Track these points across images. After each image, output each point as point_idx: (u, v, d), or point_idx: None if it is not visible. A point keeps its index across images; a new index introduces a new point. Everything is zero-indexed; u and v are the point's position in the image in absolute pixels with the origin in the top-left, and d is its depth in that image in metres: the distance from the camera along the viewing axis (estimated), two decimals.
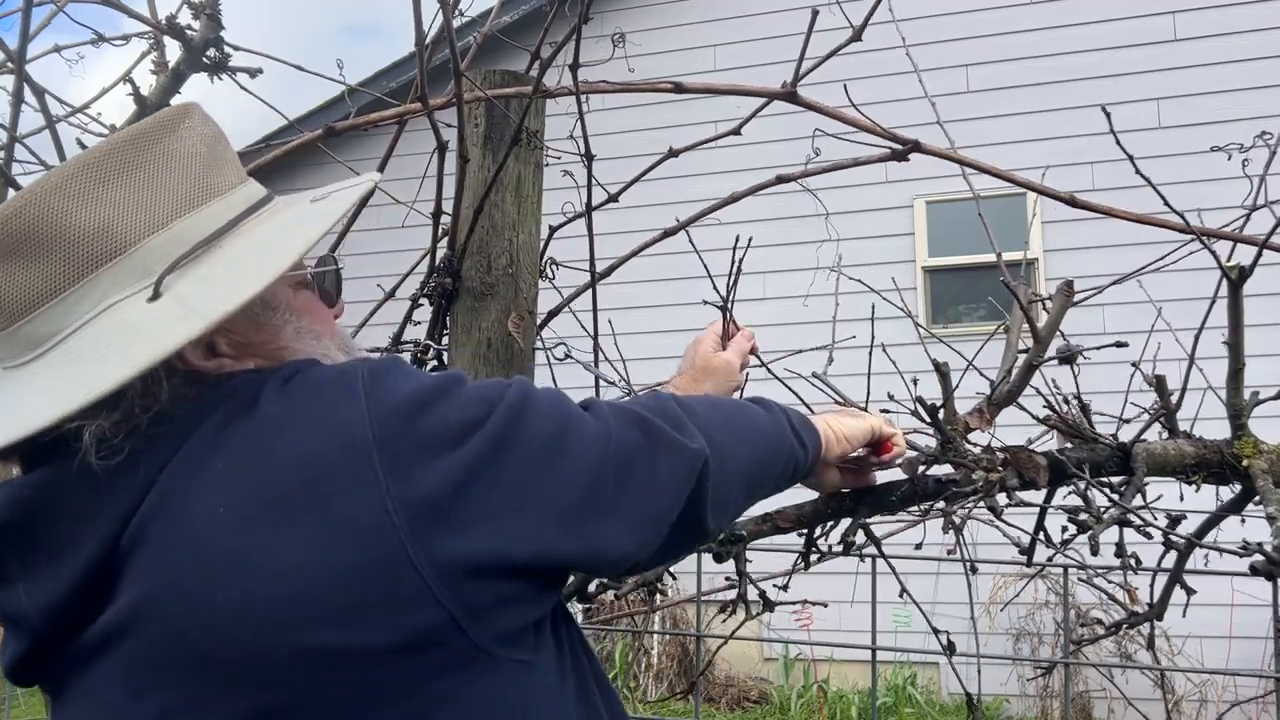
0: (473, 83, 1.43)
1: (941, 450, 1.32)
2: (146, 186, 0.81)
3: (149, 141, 0.83)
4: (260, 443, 0.75)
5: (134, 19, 1.85)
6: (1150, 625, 1.56)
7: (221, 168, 0.87)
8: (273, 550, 0.71)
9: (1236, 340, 1.29)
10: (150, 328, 0.77)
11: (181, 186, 0.83)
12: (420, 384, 0.79)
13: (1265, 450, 1.29)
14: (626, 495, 0.85)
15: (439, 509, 0.74)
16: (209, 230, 0.82)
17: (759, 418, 1.06)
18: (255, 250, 0.83)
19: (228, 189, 0.86)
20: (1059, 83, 6.89)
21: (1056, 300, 1.41)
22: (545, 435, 0.82)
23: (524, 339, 1.49)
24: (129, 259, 0.79)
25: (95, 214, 0.79)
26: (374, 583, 0.71)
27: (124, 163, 0.81)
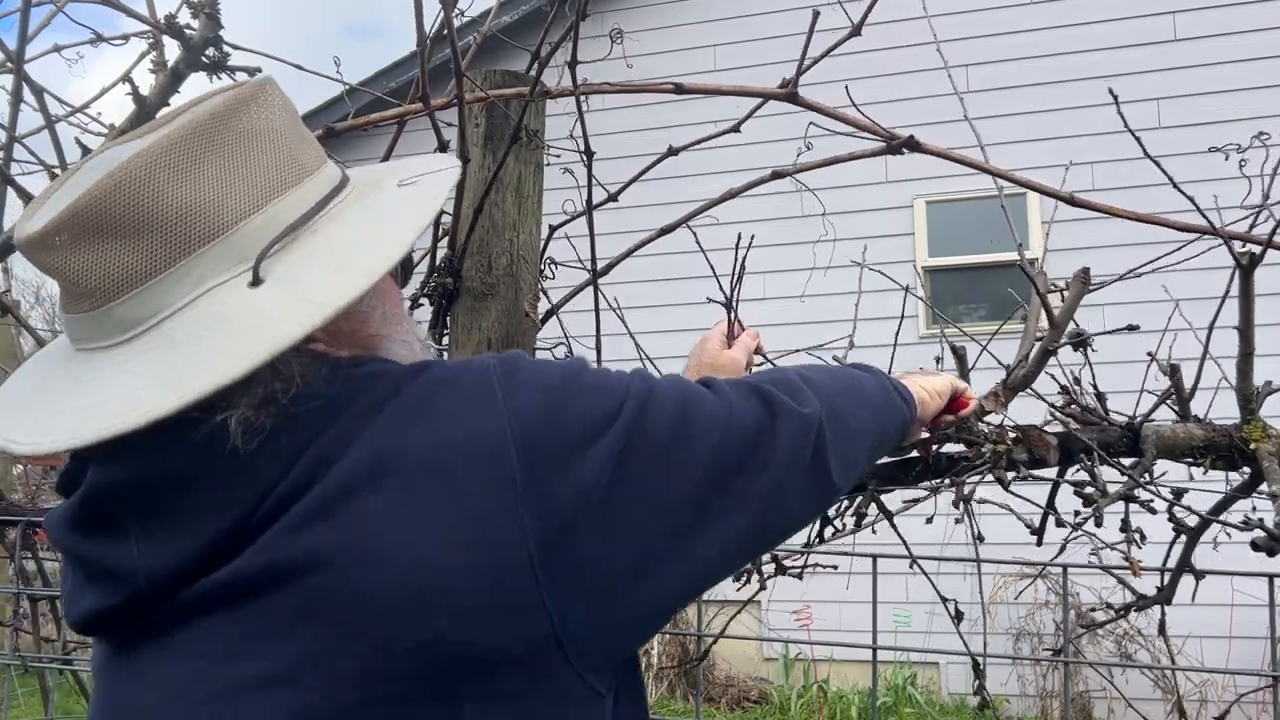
0: (473, 83, 1.43)
1: (956, 429, 1.34)
2: (241, 165, 0.79)
3: (234, 118, 0.80)
4: (405, 429, 0.75)
5: (133, 18, 1.85)
6: (1161, 612, 1.56)
7: (306, 145, 0.86)
8: (408, 538, 0.71)
9: (1247, 326, 1.31)
10: (264, 316, 0.75)
11: (273, 166, 0.81)
12: (555, 377, 0.80)
13: (1274, 434, 1.31)
14: (748, 471, 0.84)
15: (567, 528, 0.74)
16: (300, 212, 0.81)
17: (867, 382, 1.09)
18: (361, 238, 0.82)
19: (313, 169, 0.85)
20: (1059, 83, 6.89)
21: (1073, 287, 1.42)
22: (670, 422, 0.81)
23: (537, 320, 1.50)
24: (228, 241, 0.77)
25: (195, 193, 0.76)
26: (496, 588, 0.71)
27: (213, 141, 0.79)
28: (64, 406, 0.76)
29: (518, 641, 0.72)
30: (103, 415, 0.73)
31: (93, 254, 0.75)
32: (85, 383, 0.77)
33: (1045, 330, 1.43)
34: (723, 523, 0.83)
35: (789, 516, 0.93)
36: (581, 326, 1.67)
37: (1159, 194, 1.40)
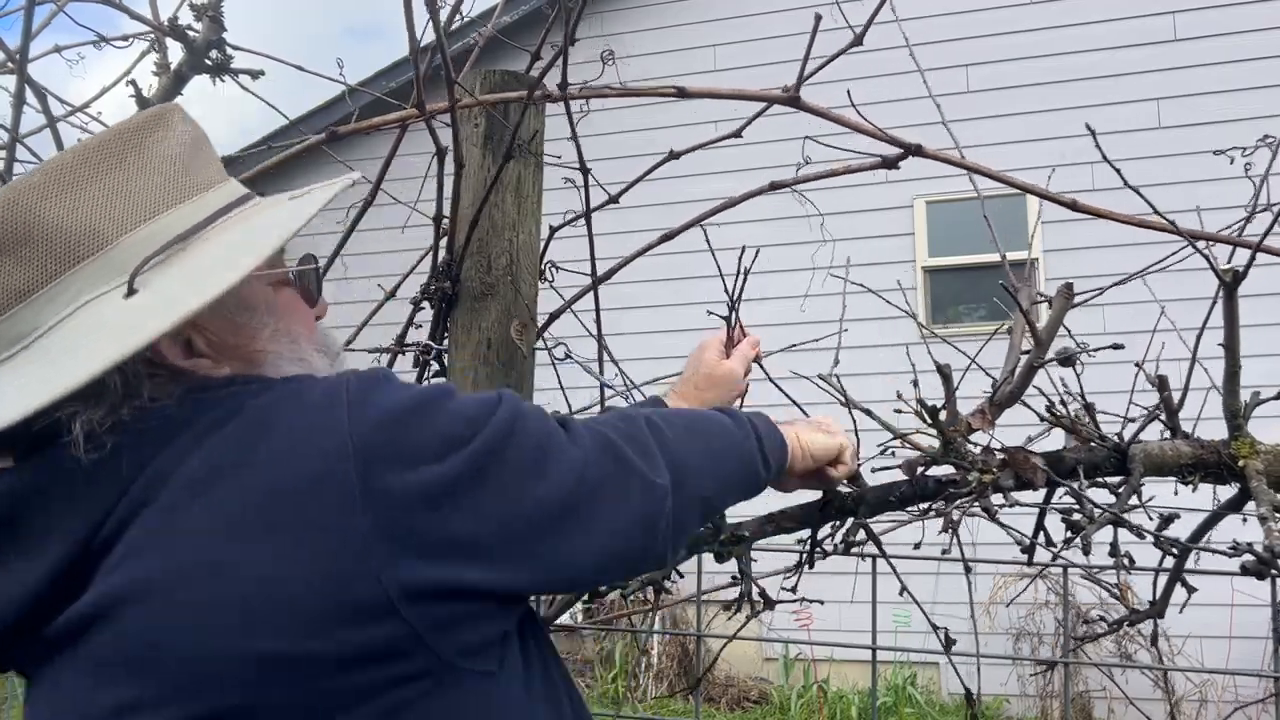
0: (465, 90, 1.44)
1: (943, 451, 1.32)
2: (125, 184, 0.82)
3: (128, 142, 0.84)
4: (242, 448, 0.75)
5: (135, 20, 1.85)
6: (1154, 624, 1.56)
7: (201, 167, 0.88)
8: (242, 556, 0.71)
9: (1232, 343, 1.30)
10: (122, 323, 0.77)
11: (160, 185, 0.84)
12: (407, 396, 0.79)
13: (1262, 450, 1.30)
14: (595, 524, 0.86)
15: (410, 526, 0.74)
16: (184, 227, 0.83)
17: (729, 439, 1.08)
18: (230, 248, 0.84)
19: (206, 187, 0.87)
20: (1059, 83, 6.89)
21: (1056, 302, 1.41)
22: (526, 460, 0.82)
23: (525, 344, 1.49)
24: (107, 256, 0.80)
25: (75, 212, 0.80)
26: (337, 595, 0.71)
27: (104, 162, 0.82)
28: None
29: (371, 642, 0.72)
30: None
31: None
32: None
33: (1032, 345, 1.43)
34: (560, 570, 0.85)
35: (622, 569, 0.96)
36: (581, 328, 1.67)
37: (1159, 193, 1.40)
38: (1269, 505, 1.17)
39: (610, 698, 6.51)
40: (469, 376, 1.49)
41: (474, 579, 0.77)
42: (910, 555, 1.55)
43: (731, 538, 1.39)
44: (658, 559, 0.96)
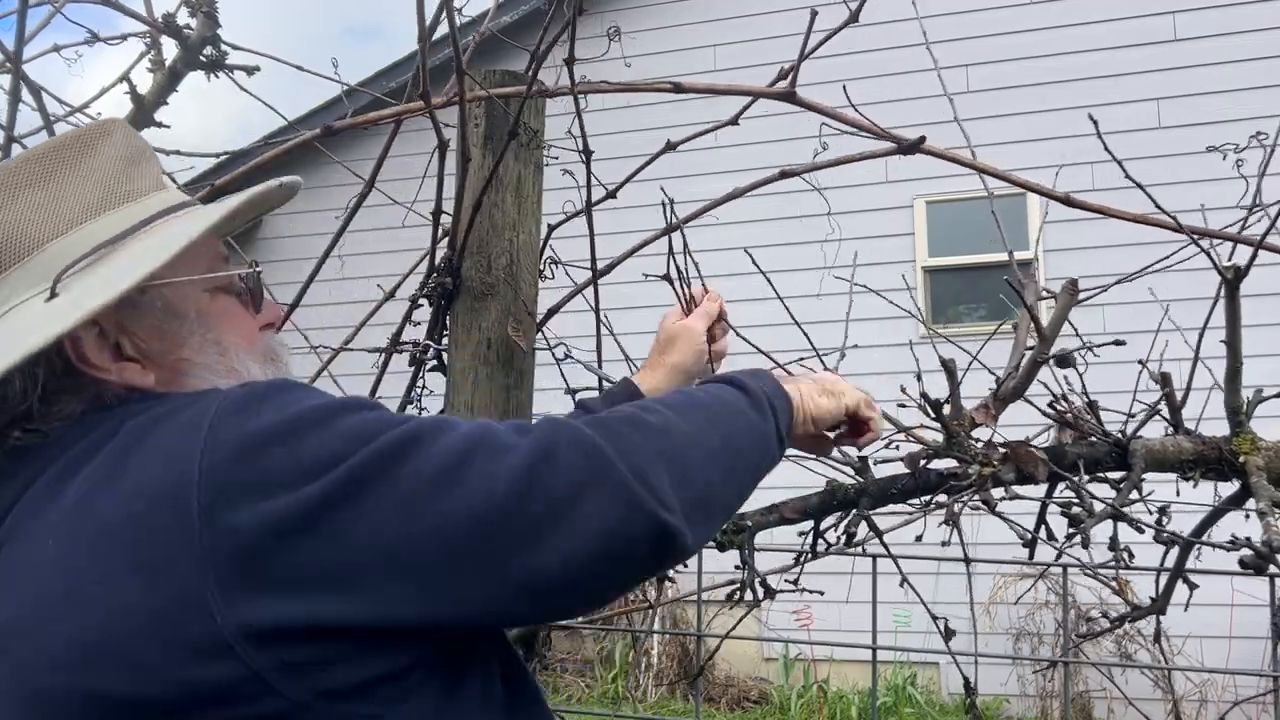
0: (474, 80, 1.43)
1: (946, 445, 1.33)
2: (59, 192, 0.83)
3: (65, 153, 0.85)
4: (104, 475, 0.73)
5: (131, 18, 1.85)
6: (1156, 622, 1.56)
7: (138, 176, 0.88)
8: (85, 589, 0.69)
9: (1234, 340, 1.30)
10: (30, 326, 0.77)
11: (91, 192, 0.84)
12: (283, 417, 0.72)
13: (1263, 447, 1.30)
14: (540, 543, 0.70)
15: (253, 560, 0.67)
16: (112, 233, 0.83)
17: (744, 423, 0.91)
18: (145, 251, 0.83)
19: (139, 195, 0.87)
20: (1059, 83, 6.89)
21: (1061, 299, 1.41)
22: (427, 472, 0.70)
23: (525, 342, 1.49)
24: (33, 261, 0.81)
25: (8, 217, 0.81)
26: (172, 634, 0.67)
27: (39, 172, 0.83)
28: None
29: (206, 685, 0.67)
30: None
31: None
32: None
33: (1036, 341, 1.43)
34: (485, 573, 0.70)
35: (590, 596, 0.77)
36: (581, 327, 1.66)
37: (1159, 193, 1.40)
38: (1268, 501, 1.17)
39: (610, 698, 6.51)
40: (469, 376, 1.48)
41: (333, 613, 0.68)
42: (910, 555, 1.54)
43: (733, 527, 1.38)
44: (645, 576, 0.79)
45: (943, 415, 1.34)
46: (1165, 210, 1.34)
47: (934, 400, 1.32)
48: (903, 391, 1.44)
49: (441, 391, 1.56)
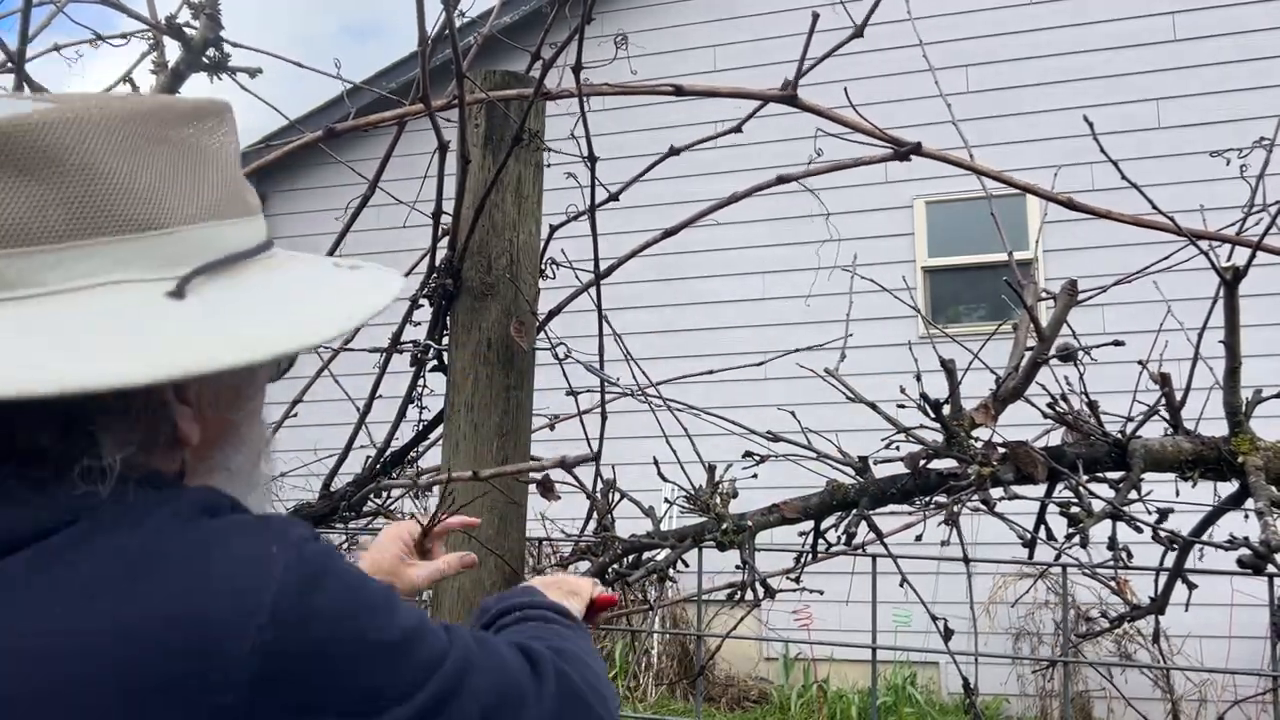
0: (474, 84, 1.44)
1: (946, 445, 1.33)
2: (197, 171, 0.69)
3: (198, 126, 0.71)
4: (117, 585, 0.57)
5: (133, 19, 1.85)
6: (1156, 621, 1.57)
7: (248, 188, 0.76)
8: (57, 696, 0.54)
9: (1233, 340, 1.30)
10: (183, 334, 0.63)
11: (222, 188, 0.71)
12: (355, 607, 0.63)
13: (1262, 447, 1.30)
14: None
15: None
16: (241, 248, 0.71)
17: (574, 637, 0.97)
18: (304, 297, 0.72)
19: (254, 213, 0.76)
20: (1059, 83, 6.89)
21: (1060, 299, 1.42)
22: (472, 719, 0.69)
23: (526, 342, 1.49)
24: (158, 239, 0.65)
25: (137, 173, 0.65)
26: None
27: (173, 136, 0.68)
28: None
29: None
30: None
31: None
32: None
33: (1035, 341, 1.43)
34: None
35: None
36: (581, 327, 1.67)
37: (1159, 193, 1.40)
38: (1267, 500, 1.17)
39: None
40: (469, 376, 1.49)
41: None
42: (910, 555, 1.55)
43: (734, 527, 1.39)
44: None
45: (942, 415, 1.34)
46: (1164, 212, 1.35)
47: (934, 400, 1.32)
48: (902, 392, 1.45)
49: (441, 391, 1.56)
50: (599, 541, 1.43)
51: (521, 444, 1.49)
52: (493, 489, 1.42)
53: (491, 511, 1.42)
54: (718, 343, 6.91)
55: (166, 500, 0.64)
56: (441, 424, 1.56)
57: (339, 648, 0.61)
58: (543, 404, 1.58)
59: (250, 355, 0.63)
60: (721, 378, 2.46)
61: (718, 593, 1.63)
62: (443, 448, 1.52)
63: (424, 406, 1.73)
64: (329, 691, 0.60)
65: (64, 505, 0.61)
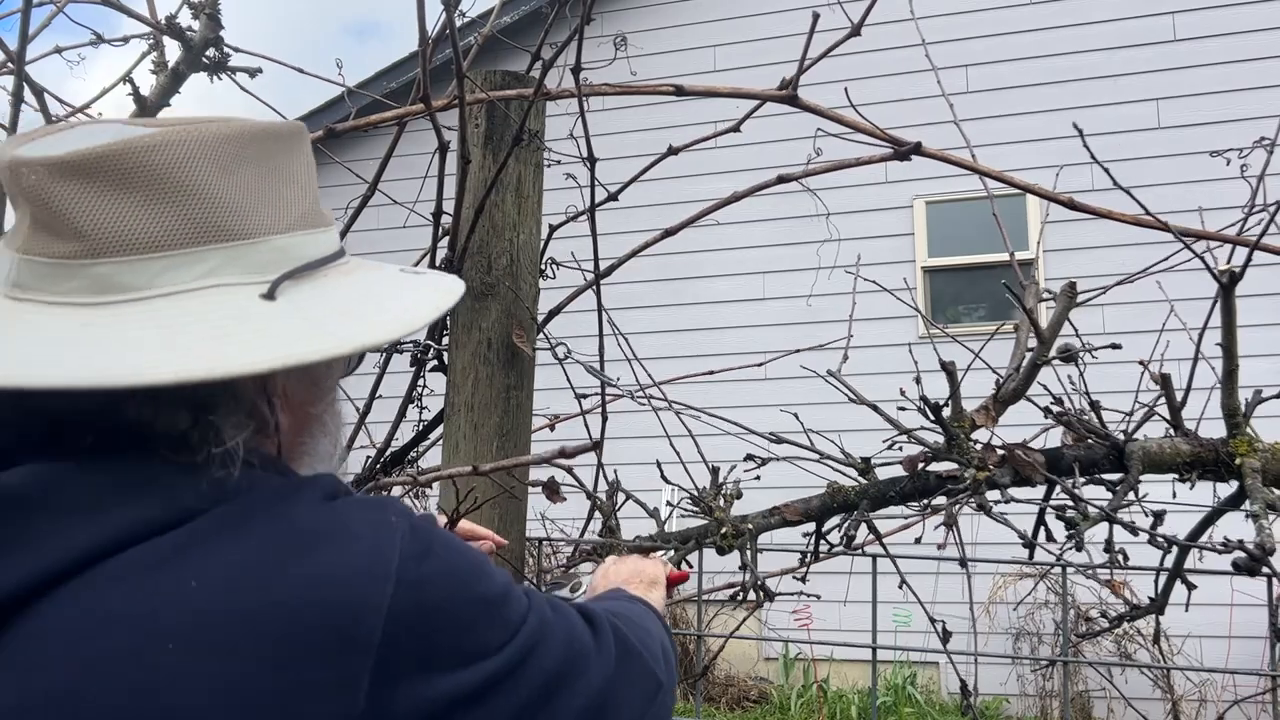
0: (475, 84, 1.44)
1: (946, 447, 1.33)
2: (281, 187, 0.78)
3: (283, 143, 0.79)
4: (269, 562, 0.65)
5: (134, 19, 1.85)
6: (1156, 621, 1.57)
7: (322, 202, 0.84)
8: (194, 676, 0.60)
9: (1229, 342, 1.30)
10: (283, 330, 0.71)
11: (301, 202, 0.80)
12: (461, 569, 0.72)
13: (1260, 449, 1.30)
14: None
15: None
16: (322, 254, 0.79)
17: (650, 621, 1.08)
18: (379, 297, 0.80)
19: (330, 224, 0.83)
20: (1059, 83, 6.89)
21: (1060, 300, 1.42)
22: (547, 674, 0.77)
23: (527, 346, 1.49)
24: (251, 247, 0.74)
25: (233, 188, 0.73)
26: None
27: (257, 155, 0.76)
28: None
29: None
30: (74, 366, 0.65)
31: (107, 200, 0.69)
32: (19, 328, 0.69)
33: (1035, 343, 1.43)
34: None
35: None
36: (581, 327, 1.67)
37: (1159, 193, 1.40)
38: (1262, 503, 1.17)
39: None
40: (469, 376, 1.49)
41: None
42: (910, 555, 1.55)
43: (734, 530, 1.39)
44: None
45: (942, 417, 1.34)
46: (1154, 214, 1.35)
47: (934, 403, 1.32)
48: (902, 394, 1.45)
49: (441, 391, 1.56)
50: (603, 543, 1.43)
51: (522, 444, 1.49)
52: (495, 487, 1.42)
53: (491, 510, 1.43)
54: (718, 343, 6.91)
55: (300, 486, 0.73)
56: (441, 424, 1.56)
57: (452, 605, 0.70)
58: (543, 404, 1.58)
59: (344, 347, 0.72)
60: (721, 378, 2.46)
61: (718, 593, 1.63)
62: (443, 448, 1.52)
63: (424, 406, 1.73)
64: (444, 644, 0.69)
65: (207, 489, 0.69)
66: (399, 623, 0.66)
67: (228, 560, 0.65)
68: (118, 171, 0.70)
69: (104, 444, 0.69)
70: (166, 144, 0.71)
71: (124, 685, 0.60)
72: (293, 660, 0.62)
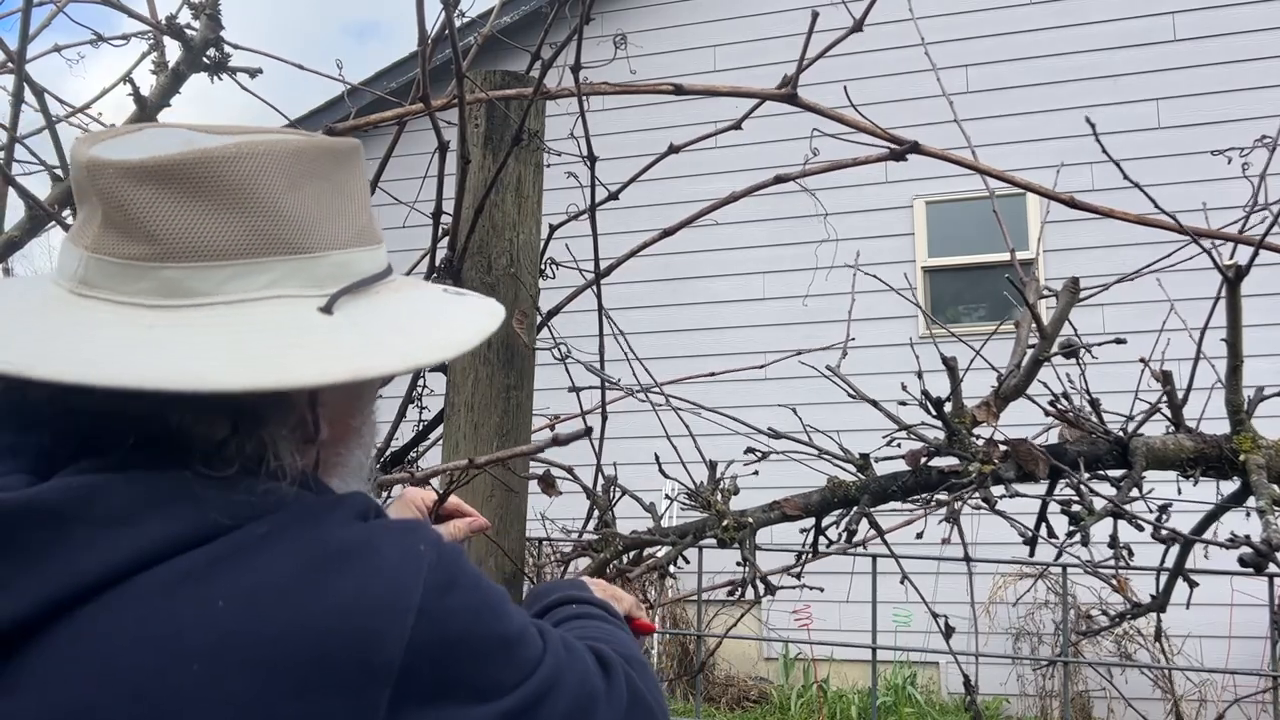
0: (474, 84, 1.44)
1: (948, 443, 1.33)
2: (340, 203, 0.79)
3: (342, 160, 0.81)
4: (295, 583, 0.66)
5: (134, 19, 1.85)
6: (1157, 619, 1.56)
7: (375, 219, 0.86)
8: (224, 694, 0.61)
9: (1235, 338, 1.30)
10: (342, 342, 0.73)
11: (358, 218, 0.81)
12: (485, 617, 0.73)
13: (1264, 445, 1.30)
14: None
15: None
16: (376, 270, 0.81)
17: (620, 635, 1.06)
18: (430, 315, 0.82)
19: (380, 242, 0.85)
20: (1059, 83, 6.89)
21: (1062, 297, 1.42)
22: (558, 716, 0.77)
23: (527, 336, 1.49)
24: (313, 261, 0.76)
25: (298, 203, 0.76)
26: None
27: (324, 171, 0.79)
28: (57, 345, 0.69)
29: None
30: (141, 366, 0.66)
31: (181, 206, 0.71)
32: (85, 325, 0.71)
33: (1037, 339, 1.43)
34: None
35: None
36: (582, 327, 1.67)
37: (1159, 193, 1.40)
38: (1268, 499, 1.17)
39: None
40: (469, 376, 1.49)
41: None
42: (911, 555, 1.55)
43: (735, 524, 1.39)
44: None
45: (944, 413, 1.34)
46: (1167, 212, 1.35)
47: (935, 398, 1.32)
48: (903, 389, 1.45)
49: (441, 391, 1.56)
50: (600, 538, 1.43)
51: (522, 444, 1.49)
52: (493, 483, 1.42)
53: (490, 503, 1.43)
54: (718, 343, 6.90)
55: (332, 505, 0.73)
56: (441, 424, 1.56)
57: (471, 641, 0.71)
58: (543, 404, 1.58)
59: (402, 364, 0.74)
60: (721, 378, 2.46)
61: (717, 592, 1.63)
62: (443, 448, 1.52)
63: (424, 406, 1.73)
64: (461, 678, 0.70)
65: (242, 504, 0.69)
66: (419, 654, 0.67)
67: (255, 581, 0.65)
68: (194, 180, 0.72)
69: (140, 451, 0.70)
70: (240, 156, 0.73)
71: (146, 704, 0.60)
72: (313, 686, 0.63)
